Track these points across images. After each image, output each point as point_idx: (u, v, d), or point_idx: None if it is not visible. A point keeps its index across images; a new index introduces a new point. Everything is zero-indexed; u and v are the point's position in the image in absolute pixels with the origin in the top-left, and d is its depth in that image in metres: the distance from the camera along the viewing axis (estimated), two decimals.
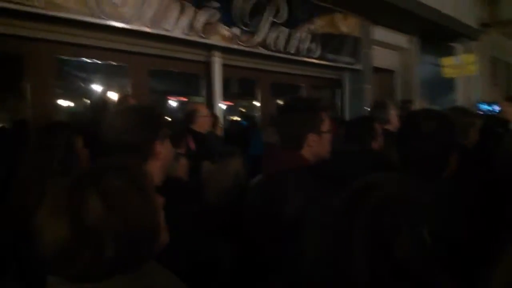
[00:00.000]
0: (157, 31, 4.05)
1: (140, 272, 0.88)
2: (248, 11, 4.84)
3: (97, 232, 0.82)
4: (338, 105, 7.15)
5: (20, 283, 1.66)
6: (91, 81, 4.67)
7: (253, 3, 4.90)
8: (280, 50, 5.30)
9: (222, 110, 5.18)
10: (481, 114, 3.61)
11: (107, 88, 4.65)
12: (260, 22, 5.01)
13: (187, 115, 3.91)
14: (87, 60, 4.20)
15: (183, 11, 4.21)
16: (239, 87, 6.32)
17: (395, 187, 0.85)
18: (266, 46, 5.13)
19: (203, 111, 3.90)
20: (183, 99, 5.50)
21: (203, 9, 4.39)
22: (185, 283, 1.01)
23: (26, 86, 3.66)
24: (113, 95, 4.48)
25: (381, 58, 7.58)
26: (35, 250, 0.85)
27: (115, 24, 3.73)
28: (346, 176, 1.02)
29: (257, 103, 6.05)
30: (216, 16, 4.52)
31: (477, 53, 8.46)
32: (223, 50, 4.89)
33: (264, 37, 5.08)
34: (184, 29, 4.25)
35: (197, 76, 5.14)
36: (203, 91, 5.17)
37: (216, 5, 4.50)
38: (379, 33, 7.15)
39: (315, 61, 5.86)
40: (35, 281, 1.40)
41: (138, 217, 0.88)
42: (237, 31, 4.76)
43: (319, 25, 5.85)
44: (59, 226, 0.82)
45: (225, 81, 5.16)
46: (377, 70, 7.37)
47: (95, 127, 3.09)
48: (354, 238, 0.79)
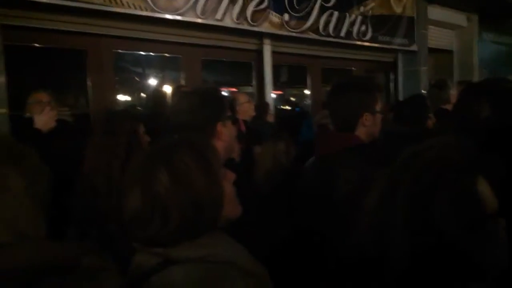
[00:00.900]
0: (209, 22, 4.14)
1: (205, 240, 0.95)
2: None
3: (164, 201, 0.91)
4: (391, 89, 6.96)
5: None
6: (147, 74, 4.87)
7: None
8: (330, 34, 5.24)
9: (272, 98, 5.21)
10: None
11: (162, 79, 4.82)
12: (309, 6, 4.97)
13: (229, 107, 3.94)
14: (142, 53, 4.39)
15: (233, 1, 4.27)
16: (289, 76, 6.31)
17: (435, 151, 0.85)
18: (316, 31, 5.09)
19: (241, 98, 3.92)
20: (233, 89, 5.58)
21: None
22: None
23: (87, 80, 3.89)
24: (168, 86, 4.63)
25: (437, 38, 7.26)
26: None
27: (169, 16, 3.87)
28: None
29: (307, 91, 6.02)
30: (265, 3, 4.54)
31: None
32: (273, 37, 4.91)
33: (314, 22, 5.03)
34: (234, 18, 4.31)
35: (247, 65, 5.20)
36: (253, 81, 5.22)
37: None
38: (435, 12, 6.85)
39: (367, 44, 5.73)
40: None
41: (202, 190, 0.95)
42: (286, 17, 4.75)
43: (371, 6, 5.70)
44: (134, 195, 0.93)
45: (275, 70, 5.18)
46: (433, 51, 7.07)
47: (154, 115, 3.24)
48: (397, 204, 0.80)
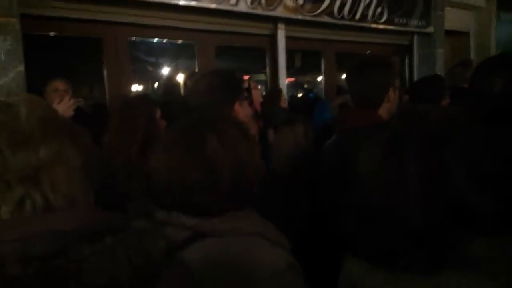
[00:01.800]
0: (223, 7, 4.13)
1: (237, 213, 0.97)
2: None
3: (216, 165, 0.92)
4: (406, 73, 6.86)
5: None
6: (161, 61, 4.90)
7: None
8: (345, 17, 5.17)
9: (286, 83, 5.19)
10: None
11: (176, 66, 4.85)
12: None
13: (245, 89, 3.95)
14: (157, 40, 4.40)
15: None
16: (303, 61, 6.28)
17: (442, 112, 0.84)
18: (331, 14, 5.03)
19: (251, 84, 3.90)
20: (246, 76, 5.58)
21: None
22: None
23: (103, 68, 3.92)
24: (182, 73, 4.65)
25: (454, 19, 7.10)
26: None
27: (184, 3, 3.86)
28: None
29: (320, 78, 5.97)
30: None
31: None
32: (288, 21, 4.88)
33: (329, 4, 4.97)
34: (249, 2, 4.28)
35: (261, 51, 5.17)
36: (267, 66, 5.20)
37: None
38: None
39: (382, 26, 5.64)
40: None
41: (247, 157, 0.97)
42: (301, 1, 4.71)
43: None
44: (184, 161, 0.94)
45: (289, 55, 5.13)
46: (449, 33, 6.93)
47: (169, 101, 3.25)
48: (406, 160, 0.80)
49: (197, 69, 4.53)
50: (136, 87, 4.44)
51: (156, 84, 5.00)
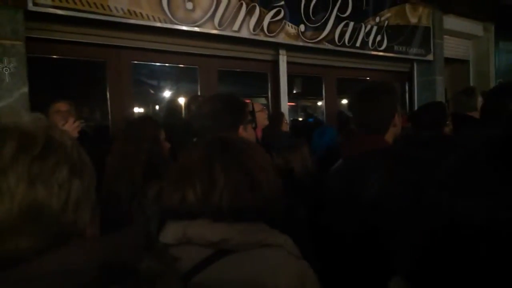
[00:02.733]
0: (226, 33, 4.19)
1: (256, 226, 0.98)
2: (312, 7, 4.86)
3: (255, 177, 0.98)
4: (406, 99, 6.92)
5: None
6: (164, 84, 4.93)
7: None
8: (346, 44, 5.26)
9: (287, 108, 5.22)
10: None
11: (179, 90, 4.88)
12: (325, 17, 5.00)
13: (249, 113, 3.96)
14: (160, 64, 4.45)
15: (250, 12, 4.32)
16: (304, 86, 6.33)
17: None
18: (331, 41, 5.11)
19: (257, 106, 3.93)
20: (247, 100, 5.59)
21: (269, 8, 4.47)
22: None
23: (107, 91, 3.95)
24: (184, 97, 4.68)
25: (453, 48, 7.23)
26: None
27: (187, 28, 3.92)
28: (425, 159, 1.01)
29: (320, 103, 6.02)
30: (281, 14, 4.58)
31: None
32: (289, 47, 4.95)
33: (329, 32, 5.06)
34: (251, 29, 4.35)
35: (262, 76, 5.22)
36: (268, 91, 5.24)
37: (281, 3, 4.56)
38: (451, 22, 6.83)
39: (382, 53, 5.73)
40: None
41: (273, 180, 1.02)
42: (302, 28, 4.79)
43: (387, 16, 5.72)
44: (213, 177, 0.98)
45: (290, 81, 5.19)
46: (449, 61, 7.03)
47: (172, 123, 3.26)
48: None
49: (199, 93, 4.56)
50: (138, 110, 4.44)
51: (157, 106, 5.02)
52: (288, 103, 5.26)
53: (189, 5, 3.90)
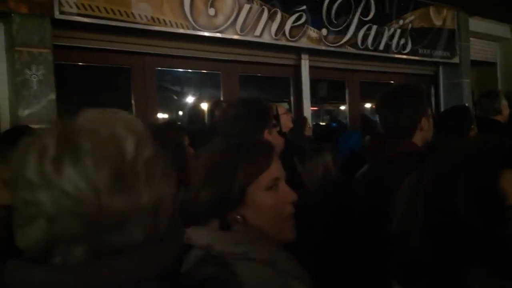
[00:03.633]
0: (248, 38, 4.20)
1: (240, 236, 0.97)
2: (335, 11, 4.83)
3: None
4: (432, 103, 6.78)
5: None
6: (187, 90, 4.97)
7: (340, 2, 4.87)
8: (369, 48, 5.20)
9: (310, 112, 5.19)
10: None
11: (202, 96, 4.91)
12: (347, 21, 4.96)
13: (273, 117, 3.95)
14: (183, 70, 4.50)
15: (271, 17, 4.32)
16: (327, 90, 6.29)
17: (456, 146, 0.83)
18: (354, 45, 5.06)
19: (281, 109, 3.91)
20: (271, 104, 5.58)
21: (291, 13, 4.47)
22: None
23: (131, 97, 4.00)
24: (207, 102, 4.71)
25: (479, 50, 7.06)
26: None
27: (210, 34, 3.95)
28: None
29: (343, 107, 5.96)
30: (303, 18, 4.57)
31: None
32: (311, 52, 4.92)
33: (352, 36, 5.02)
34: (273, 34, 4.35)
35: (285, 80, 5.21)
36: (291, 96, 5.22)
37: (303, 7, 4.55)
38: (477, 24, 6.67)
39: (406, 57, 5.64)
40: None
41: None
42: (324, 32, 4.76)
43: (410, 19, 5.63)
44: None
45: (312, 86, 5.16)
46: (475, 63, 6.87)
47: (195, 129, 3.28)
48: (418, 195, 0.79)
49: (222, 98, 4.58)
50: (162, 115, 4.49)
51: (181, 112, 5.06)
52: (311, 108, 5.23)
53: (211, 11, 3.93)
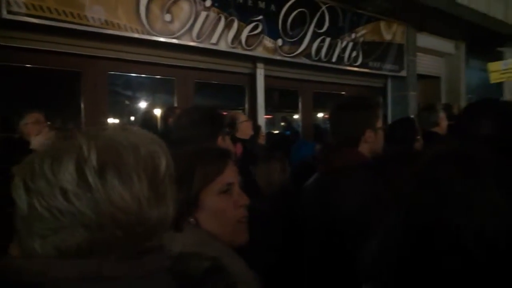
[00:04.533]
0: (204, 45, 4.20)
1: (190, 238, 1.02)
2: (290, 22, 4.93)
3: None
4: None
5: None
6: (140, 96, 4.89)
7: (296, 14, 4.99)
8: (322, 59, 5.35)
9: (264, 120, 5.25)
10: None
11: (155, 101, 4.85)
12: (302, 32, 5.09)
13: (227, 124, 3.98)
14: (136, 75, 4.42)
15: (228, 25, 4.35)
16: (280, 100, 6.39)
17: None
18: (308, 56, 5.19)
19: (242, 117, 3.96)
20: (224, 113, 5.60)
21: (247, 22, 4.52)
22: None
23: (81, 101, 3.88)
24: (161, 108, 4.65)
25: (426, 65, 7.45)
26: None
27: (165, 40, 3.92)
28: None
29: (297, 116, 6.08)
30: (259, 28, 4.64)
31: None
32: (267, 61, 4.99)
33: (306, 47, 5.14)
34: (229, 42, 4.38)
35: (240, 88, 5.25)
36: (245, 104, 5.26)
37: (259, 17, 4.62)
38: (424, 40, 7.05)
39: (357, 69, 5.85)
40: None
41: None
42: (280, 42, 4.85)
43: (362, 33, 5.86)
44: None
45: (267, 94, 5.23)
46: (422, 77, 7.24)
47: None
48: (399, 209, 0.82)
49: (176, 104, 4.54)
50: (113, 121, 4.38)
51: (133, 118, 4.97)
52: (265, 116, 5.29)
53: (168, 17, 3.90)
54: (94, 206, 0.58)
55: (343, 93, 6.35)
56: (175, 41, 3.98)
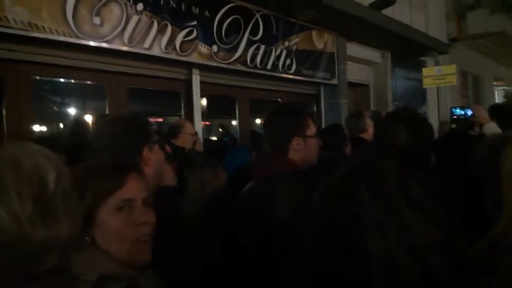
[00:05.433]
0: (136, 50, 4.09)
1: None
2: (225, 29, 4.95)
3: None
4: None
5: None
6: (68, 102, 4.65)
7: (230, 21, 5.01)
8: (257, 66, 5.42)
9: (201, 127, 5.21)
10: (455, 118, 3.81)
11: (85, 108, 4.63)
12: (237, 39, 5.12)
13: (171, 129, 3.92)
14: (65, 80, 4.21)
15: (161, 30, 4.28)
16: (218, 107, 6.38)
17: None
18: (244, 63, 5.23)
19: (190, 128, 3.92)
20: (159, 119, 5.50)
21: (181, 27, 4.47)
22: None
23: (2, 108, 3.63)
24: (91, 115, 4.46)
25: (355, 73, 7.80)
26: None
27: (95, 44, 3.76)
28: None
29: (234, 122, 6.11)
30: (194, 34, 4.60)
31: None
32: (202, 67, 4.96)
33: (242, 54, 5.18)
34: (163, 47, 4.31)
35: (175, 95, 5.17)
36: (182, 110, 5.20)
37: (193, 23, 4.59)
38: (353, 49, 7.37)
39: (291, 76, 5.99)
40: None
41: None
42: (215, 48, 4.85)
43: (295, 41, 6.01)
44: None
45: (203, 101, 5.20)
46: (352, 84, 7.56)
47: (76, 144, 3.08)
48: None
49: (107, 111, 4.38)
50: (39, 128, 4.13)
51: (61, 125, 4.71)
52: (202, 122, 5.26)
53: (97, 20, 3.75)
54: None
55: (279, 100, 6.47)
56: (105, 45, 3.83)
